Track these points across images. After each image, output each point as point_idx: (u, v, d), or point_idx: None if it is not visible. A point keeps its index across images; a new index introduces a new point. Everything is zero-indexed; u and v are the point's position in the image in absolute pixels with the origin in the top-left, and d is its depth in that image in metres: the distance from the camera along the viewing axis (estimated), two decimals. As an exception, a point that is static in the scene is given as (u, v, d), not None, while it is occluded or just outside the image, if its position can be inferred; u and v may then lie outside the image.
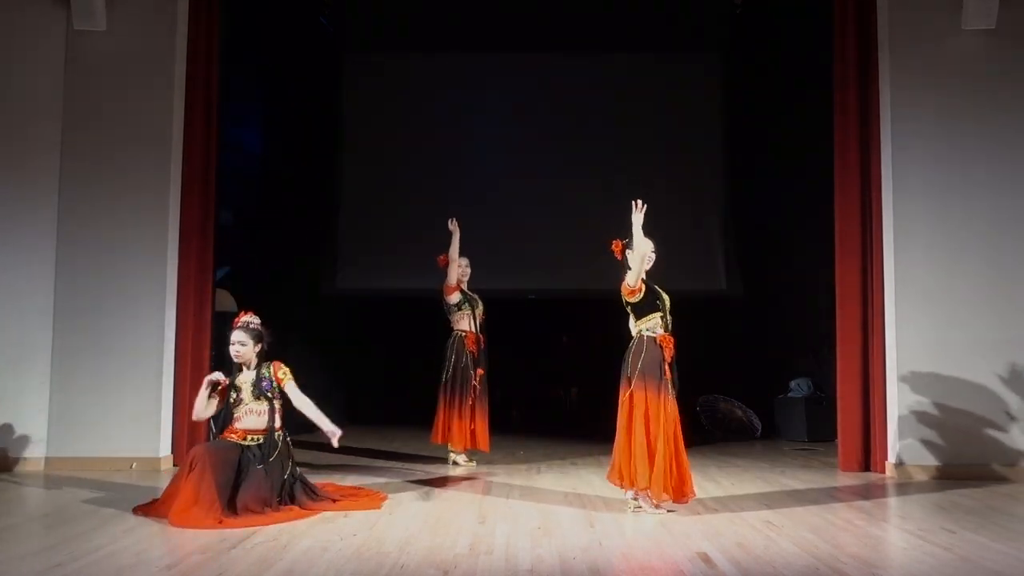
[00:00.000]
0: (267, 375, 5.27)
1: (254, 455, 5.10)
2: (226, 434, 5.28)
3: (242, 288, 8.74)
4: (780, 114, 9.94)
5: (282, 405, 5.30)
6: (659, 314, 5.17)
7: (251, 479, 5.01)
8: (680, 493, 5.07)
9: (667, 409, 5.06)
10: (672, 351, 5.16)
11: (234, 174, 9.69)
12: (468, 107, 10.42)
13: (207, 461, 4.92)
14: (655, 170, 10.08)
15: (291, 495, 5.14)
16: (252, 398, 5.24)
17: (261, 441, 5.18)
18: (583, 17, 10.16)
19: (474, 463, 7.07)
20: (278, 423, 5.25)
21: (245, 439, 5.17)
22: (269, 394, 5.24)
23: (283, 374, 5.28)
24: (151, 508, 5.02)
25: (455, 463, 7.01)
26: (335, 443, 5.18)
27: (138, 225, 6.82)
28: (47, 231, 6.78)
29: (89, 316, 6.73)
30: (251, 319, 5.37)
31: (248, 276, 9.50)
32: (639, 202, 5.14)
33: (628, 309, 5.25)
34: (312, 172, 10.47)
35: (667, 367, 5.11)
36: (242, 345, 5.27)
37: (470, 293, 7.30)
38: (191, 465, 4.94)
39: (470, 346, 7.14)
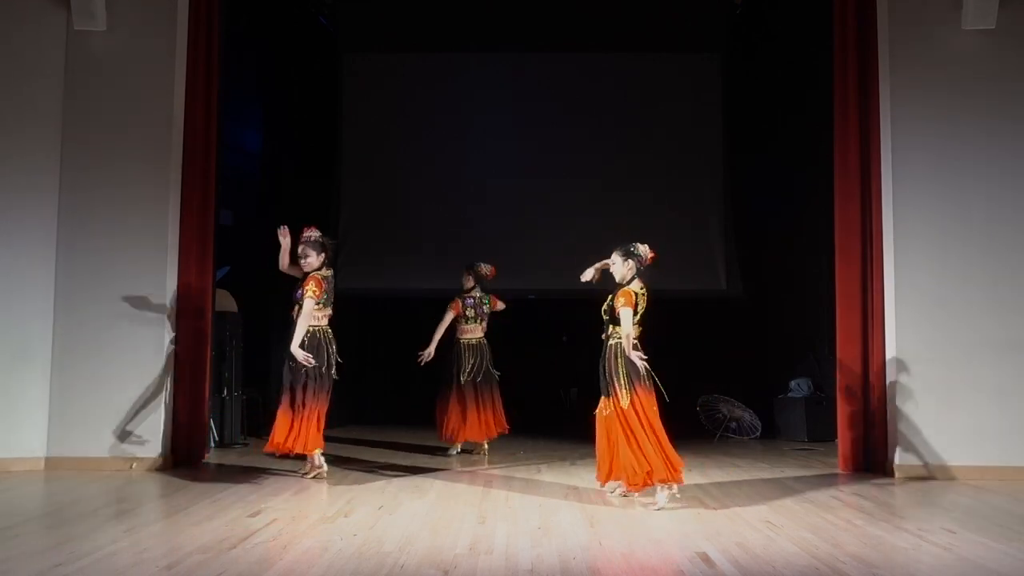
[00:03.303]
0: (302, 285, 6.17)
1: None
2: None
3: (242, 288, 8.74)
4: (780, 114, 9.94)
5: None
6: None
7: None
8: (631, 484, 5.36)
9: (608, 410, 5.54)
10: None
11: (234, 174, 9.69)
12: (468, 107, 10.40)
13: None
14: (655, 170, 10.10)
15: (304, 389, 6.14)
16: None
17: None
18: (584, 17, 10.16)
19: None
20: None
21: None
22: (296, 302, 6.20)
23: (306, 288, 6.11)
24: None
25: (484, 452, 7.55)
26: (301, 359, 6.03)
27: (138, 224, 6.82)
28: (47, 231, 6.78)
29: (89, 315, 6.73)
30: (311, 233, 6.25)
31: (248, 276, 9.49)
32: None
33: None
34: (312, 172, 10.46)
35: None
36: (305, 257, 6.22)
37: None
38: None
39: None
